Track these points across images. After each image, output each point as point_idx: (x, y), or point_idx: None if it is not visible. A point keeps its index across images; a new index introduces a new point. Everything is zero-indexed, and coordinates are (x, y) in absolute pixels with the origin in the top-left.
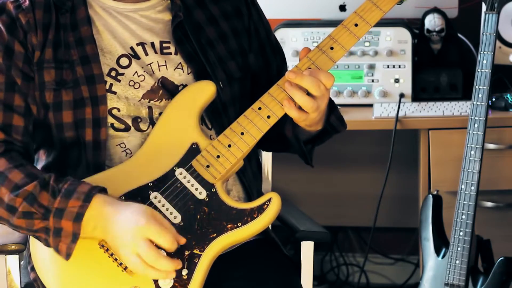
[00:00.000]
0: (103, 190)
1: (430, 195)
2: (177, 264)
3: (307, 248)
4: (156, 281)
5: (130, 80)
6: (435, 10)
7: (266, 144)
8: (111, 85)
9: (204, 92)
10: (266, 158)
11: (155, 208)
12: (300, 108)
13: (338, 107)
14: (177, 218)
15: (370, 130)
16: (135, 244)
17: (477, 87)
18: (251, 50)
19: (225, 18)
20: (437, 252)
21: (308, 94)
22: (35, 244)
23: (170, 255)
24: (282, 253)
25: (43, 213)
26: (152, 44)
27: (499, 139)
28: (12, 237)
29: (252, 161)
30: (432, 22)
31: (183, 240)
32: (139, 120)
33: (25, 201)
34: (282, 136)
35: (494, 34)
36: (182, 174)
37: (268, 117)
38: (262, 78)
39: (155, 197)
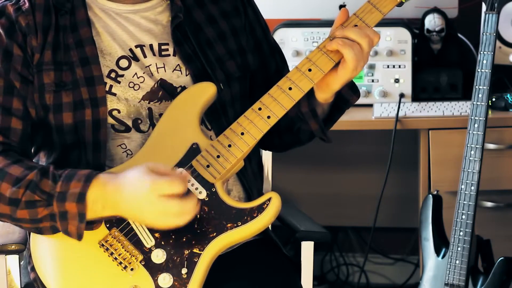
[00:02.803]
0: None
1: (430, 195)
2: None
3: (307, 248)
4: (156, 280)
5: (130, 82)
6: (435, 10)
7: (276, 139)
8: (111, 86)
9: (204, 93)
10: (266, 158)
11: None
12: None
13: None
14: None
15: (370, 130)
16: (156, 208)
17: (477, 87)
18: (248, 48)
19: (224, 17)
20: (437, 252)
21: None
22: (35, 244)
23: (170, 253)
24: (282, 253)
25: (46, 199)
26: (151, 46)
27: (499, 139)
28: (12, 237)
29: (252, 161)
30: (432, 22)
31: (185, 173)
32: (140, 121)
33: (28, 189)
34: (292, 122)
35: (494, 34)
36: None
37: (268, 117)
38: (260, 77)
39: None
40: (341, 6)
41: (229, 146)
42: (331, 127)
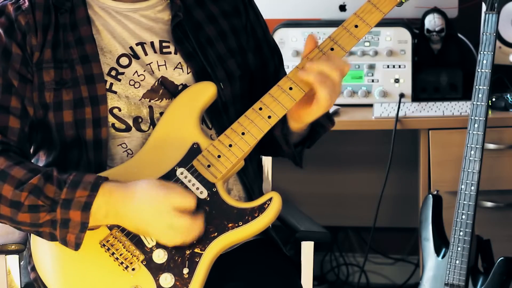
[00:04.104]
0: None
1: (430, 195)
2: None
3: (307, 248)
4: (157, 280)
5: (130, 80)
6: (435, 10)
7: (260, 149)
8: (111, 84)
9: (205, 92)
10: (266, 158)
11: None
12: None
13: (338, 107)
14: None
15: (370, 130)
16: (166, 221)
17: (477, 87)
18: (249, 49)
19: (225, 17)
20: (437, 252)
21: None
22: (36, 244)
23: (171, 253)
24: (282, 253)
25: (50, 205)
26: (152, 43)
27: (499, 139)
28: (12, 237)
29: (253, 161)
30: (432, 22)
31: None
32: (140, 120)
33: (31, 194)
34: (272, 138)
35: (494, 34)
36: (183, 174)
37: (269, 117)
38: (259, 78)
39: None
40: (341, 6)
41: (230, 145)
42: (312, 146)
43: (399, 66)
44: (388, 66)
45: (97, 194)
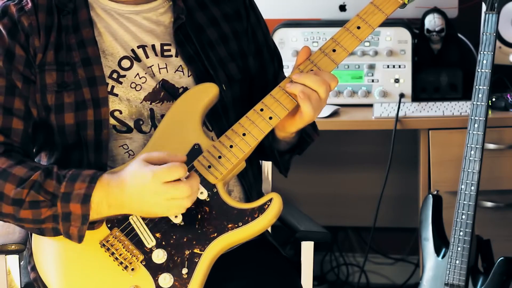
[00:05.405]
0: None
1: (430, 195)
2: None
3: (307, 248)
4: (156, 280)
5: (132, 82)
6: (435, 10)
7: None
8: (112, 87)
9: (207, 94)
10: None
11: None
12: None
13: (338, 107)
14: (178, 217)
15: (370, 130)
16: (163, 197)
17: (477, 87)
18: (249, 52)
19: (226, 20)
20: (437, 252)
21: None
22: (37, 243)
23: (171, 254)
24: (281, 254)
25: (50, 199)
26: (153, 46)
27: (499, 139)
28: (12, 237)
29: (253, 163)
30: (432, 22)
31: (181, 155)
32: (141, 122)
33: (32, 190)
34: (259, 145)
35: (494, 34)
36: None
37: (270, 118)
38: (258, 82)
39: None
40: (341, 6)
41: (231, 146)
42: (301, 153)
43: (399, 66)
44: (388, 66)
45: (95, 185)
